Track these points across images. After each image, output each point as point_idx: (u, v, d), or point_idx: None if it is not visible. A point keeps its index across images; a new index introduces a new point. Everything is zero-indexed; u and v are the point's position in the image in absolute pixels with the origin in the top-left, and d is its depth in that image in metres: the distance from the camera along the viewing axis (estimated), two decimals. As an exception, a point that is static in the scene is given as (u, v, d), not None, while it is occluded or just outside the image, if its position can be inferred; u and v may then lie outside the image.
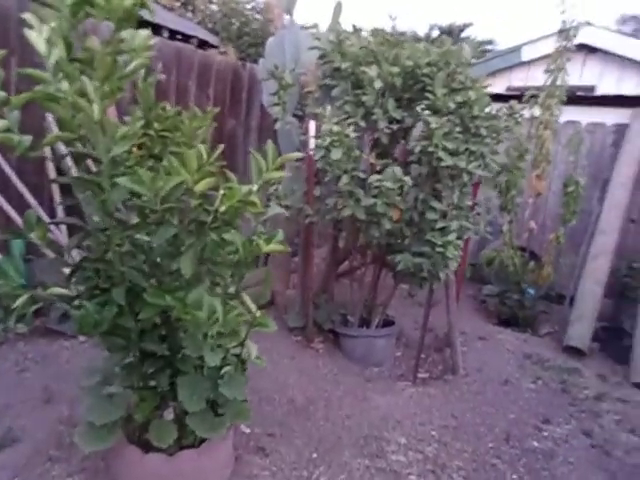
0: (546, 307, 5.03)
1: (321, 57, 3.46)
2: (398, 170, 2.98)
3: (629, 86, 6.38)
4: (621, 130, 5.54)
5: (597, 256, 4.84)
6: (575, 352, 4.23)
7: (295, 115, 3.86)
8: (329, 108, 3.21)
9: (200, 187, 1.76)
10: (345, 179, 3.04)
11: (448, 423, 2.91)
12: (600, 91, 6.51)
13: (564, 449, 2.80)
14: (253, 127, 5.40)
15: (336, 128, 3.01)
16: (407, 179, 2.96)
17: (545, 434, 2.93)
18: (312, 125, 3.41)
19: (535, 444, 2.82)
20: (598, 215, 5.13)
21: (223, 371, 2.07)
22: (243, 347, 2.13)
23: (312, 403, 2.99)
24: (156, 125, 2.07)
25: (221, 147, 1.98)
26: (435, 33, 9.09)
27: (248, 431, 2.61)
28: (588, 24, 5.66)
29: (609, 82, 6.48)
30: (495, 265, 4.88)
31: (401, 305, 4.58)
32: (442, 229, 3.08)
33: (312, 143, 3.37)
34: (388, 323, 3.95)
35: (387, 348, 3.91)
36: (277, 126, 3.65)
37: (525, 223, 5.15)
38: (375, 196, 3.00)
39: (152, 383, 2.11)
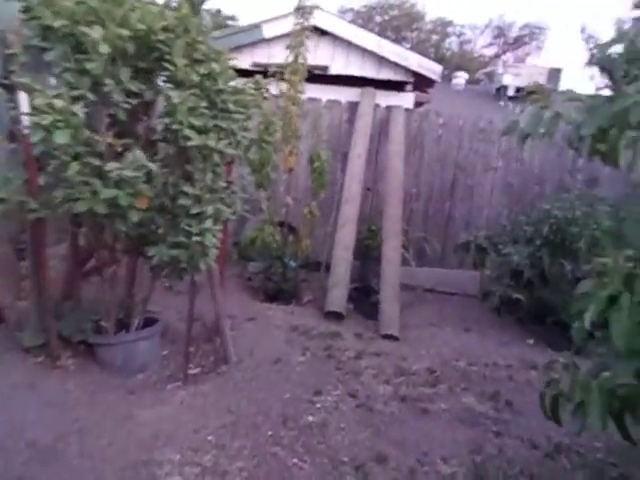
0: (306, 276, 5.30)
1: (25, 11, 2.75)
2: (140, 154, 2.57)
3: (355, 67, 7.12)
4: (353, 107, 6.12)
5: (344, 224, 5.27)
6: (335, 316, 4.55)
7: (2, 85, 3.04)
8: (49, 77, 2.59)
9: None
10: (75, 167, 2.49)
11: (225, 421, 2.74)
12: (332, 71, 7.09)
13: (335, 416, 2.93)
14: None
15: (59, 103, 2.43)
16: (152, 165, 2.58)
17: (318, 406, 3.01)
18: (24, 97, 2.73)
19: (310, 419, 2.86)
20: (341, 186, 5.59)
21: None
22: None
23: (61, 440, 2.46)
24: None
25: None
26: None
27: (-31, 504, 1.99)
28: (318, 8, 5.99)
29: (339, 63, 7.12)
30: (258, 243, 4.87)
31: (161, 297, 4.19)
32: (197, 215, 2.82)
33: (26, 120, 2.70)
34: (150, 321, 3.55)
35: (152, 349, 3.53)
36: (-27, 97, 2.81)
37: (281, 198, 5.27)
38: (117, 186, 2.54)
39: None
